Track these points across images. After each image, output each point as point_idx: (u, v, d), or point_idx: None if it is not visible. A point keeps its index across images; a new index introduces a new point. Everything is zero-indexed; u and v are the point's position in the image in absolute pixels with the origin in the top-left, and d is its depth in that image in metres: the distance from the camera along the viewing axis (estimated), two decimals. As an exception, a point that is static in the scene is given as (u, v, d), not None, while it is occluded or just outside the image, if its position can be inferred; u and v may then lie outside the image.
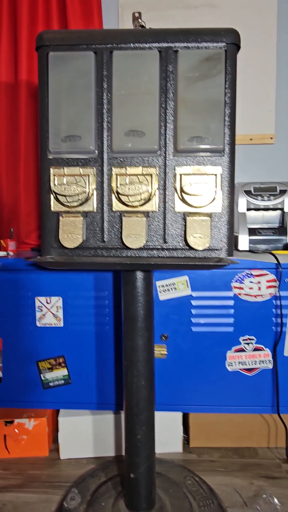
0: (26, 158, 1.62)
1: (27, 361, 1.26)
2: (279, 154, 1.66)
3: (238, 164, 0.87)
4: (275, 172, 1.66)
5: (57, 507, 1.10)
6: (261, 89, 1.65)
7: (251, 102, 1.64)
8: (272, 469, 1.25)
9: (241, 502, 1.11)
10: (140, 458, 0.98)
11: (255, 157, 1.66)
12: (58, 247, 0.88)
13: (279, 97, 1.65)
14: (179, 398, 1.25)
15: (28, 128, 1.61)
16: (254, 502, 1.11)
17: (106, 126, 0.85)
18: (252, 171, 1.67)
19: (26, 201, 1.63)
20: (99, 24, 1.59)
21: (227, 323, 1.21)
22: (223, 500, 1.11)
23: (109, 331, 1.24)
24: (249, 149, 1.66)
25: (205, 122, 0.83)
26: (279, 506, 1.09)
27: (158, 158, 0.85)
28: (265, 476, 1.22)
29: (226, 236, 0.86)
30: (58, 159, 0.86)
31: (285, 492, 1.15)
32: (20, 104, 1.60)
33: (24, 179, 1.62)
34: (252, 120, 1.65)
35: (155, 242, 0.86)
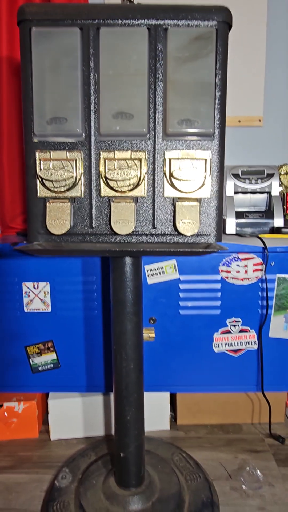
0: (9, 139, 1.56)
1: (15, 346, 1.26)
2: (267, 137, 1.65)
3: (226, 147, 0.86)
4: (264, 155, 1.66)
5: (49, 486, 1.13)
6: (250, 70, 1.62)
7: (239, 83, 1.62)
8: (255, 443, 1.31)
9: (226, 475, 1.17)
10: (129, 438, 1.00)
11: (243, 139, 1.65)
12: (45, 233, 0.86)
13: (268, 79, 1.63)
14: (167, 379, 1.28)
15: (10, 109, 1.54)
16: (238, 474, 1.16)
17: (93, 108, 0.82)
18: (241, 154, 1.66)
19: (11, 185, 1.59)
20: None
21: (214, 306, 1.23)
22: (209, 473, 1.16)
23: (98, 316, 1.24)
24: (238, 131, 1.65)
25: (195, 104, 0.81)
26: (261, 477, 1.14)
27: (147, 142, 0.83)
28: (249, 450, 1.27)
29: (215, 221, 0.86)
30: (44, 142, 0.83)
31: (267, 464, 1.21)
32: (1, 83, 1.52)
33: (7, 162, 1.56)
34: (241, 101, 1.63)
35: (144, 228, 0.86)
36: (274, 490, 1.10)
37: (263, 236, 1.25)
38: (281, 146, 1.67)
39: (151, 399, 1.31)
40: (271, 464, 1.20)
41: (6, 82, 1.54)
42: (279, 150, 1.66)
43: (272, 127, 1.65)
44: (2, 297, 1.24)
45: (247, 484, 1.11)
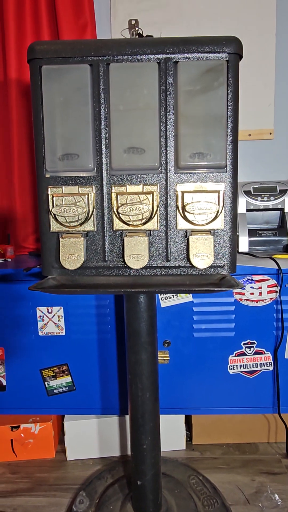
0: (20, 159, 1.58)
1: (31, 369, 1.27)
2: (278, 150, 1.63)
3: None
4: (275, 168, 1.64)
5: (67, 511, 1.13)
6: (259, 83, 1.60)
7: (249, 96, 1.60)
8: (272, 464, 1.29)
9: (243, 499, 1.16)
10: (146, 465, 1.00)
11: (254, 153, 1.63)
12: (59, 267, 0.86)
13: (278, 91, 1.60)
14: (182, 401, 1.27)
15: (20, 129, 1.56)
16: (256, 499, 1.15)
17: (104, 143, 0.82)
18: (251, 168, 1.64)
19: (22, 204, 1.60)
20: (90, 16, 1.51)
21: (229, 328, 1.22)
22: (226, 498, 1.15)
23: (111, 339, 1.24)
24: (248, 145, 1.63)
25: (206, 137, 0.80)
26: (280, 502, 1.13)
27: (159, 176, 0.82)
28: (266, 472, 1.26)
29: (229, 252, 0.85)
30: (56, 177, 0.84)
31: (285, 487, 1.19)
32: (11, 103, 1.54)
33: (18, 182, 1.58)
34: (251, 115, 1.61)
35: (158, 261, 0.85)
36: (293, 516, 1.09)
37: (277, 256, 1.23)
38: (293, 158, 1.65)
39: (166, 419, 1.31)
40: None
41: (16, 104, 1.55)
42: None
43: (283, 139, 1.63)
44: (17, 321, 1.25)
45: (265, 509, 1.10)
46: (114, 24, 1.59)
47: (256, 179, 1.57)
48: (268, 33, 1.58)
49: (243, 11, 1.56)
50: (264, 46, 1.58)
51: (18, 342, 1.26)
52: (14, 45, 1.51)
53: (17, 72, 1.52)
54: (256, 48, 1.59)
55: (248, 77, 1.60)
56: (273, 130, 1.62)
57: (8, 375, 1.29)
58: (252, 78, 1.60)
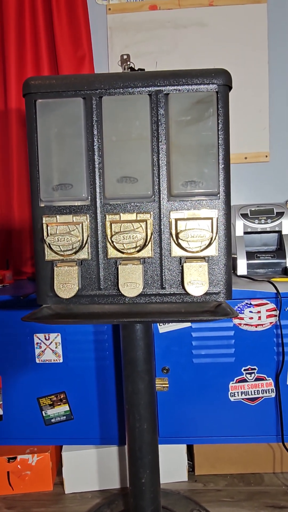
0: (19, 184, 1.60)
1: (28, 398, 1.25)
2: (274, 173, 1.64)
3: (233, 184, 0.86)
4: (271, 191, 1.65)
5: None
6: (254, 107, 1.63)
7: (245, 120, 1.63)
8: (278, 497, 1.24)
9: (248, 536, 1.10)
10: (145, 501, 0.96)
11: (250, 176, 1.65)
12: (53, 295, 0.86)
13: (272, 114, 1.63)
14: (182, 430, 1.24)
15: (20, 157, 1.59)
16: (262, 535, 1.10)
17: (98, 172, 0.83)
18: (248, 191, 1.65)
19: (21, 229, 1.61)
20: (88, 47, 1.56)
21: (228, 354, 1.19)
22: (230, 534, 1.10)
23: (110, 366, 1.22)
24: (244, 168, 1.65)
25: (198, 166, 0.81)
26: (287, 538, 1.08)
27: (152, 204, 0.83)
28: (272, 506, 1.21)
29: (224, 279, 0.84)
30: (50, 207, 0.84)
31: (292, 522, 1.14)
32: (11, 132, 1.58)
33: (18, 207, 1.60)
34: (246, 138, 1.64)
35: (152, 288, 0.85)
36: None
37: (276, 280, 1.22)
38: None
39: (167, 449, 1.27)
40: (296, 523, 1.13)
41: (16, 132, 1.59)
42: (286, 185, 1.65)
43: (279, 162, 1.65)
44: (14, 348, 1.24)
45: None
46: (111, 55, 1.65)
47: (253, 202, 1.58)
48: (261, 58, 1.62)
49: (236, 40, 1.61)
50: (258, 70, 1.63)
51: (15, 369, 1.24)
52: (15, 76, 1.56)
53: (17, 102, 1.57)
54: (250, 72, 1.63)
55: (244, 102, 1.63)
56: (269, 153, 1.64)
57: (5, 404, 1.26)
58: (247, 103, 1.63)
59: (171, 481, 1.31)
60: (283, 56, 1.63)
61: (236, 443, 1.27)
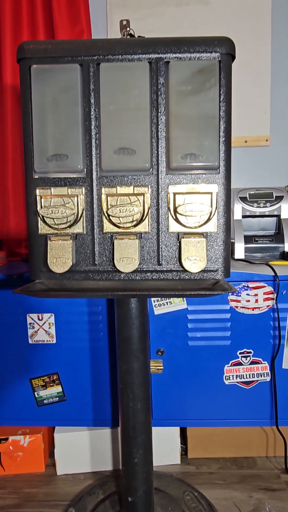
0: (14, 165, 1.56)
1: (20, 379, 1.23)
2: (274, 157, 1.62)
3: (233, 168, 0.83)
4: (271, 175, 1.62)
5: (55, 529, 1.08)
6: (255, 90, 1.59)
7: (245, 103, 1.60)
8: (271, 480, 1.24)
9: (240, 517, 1.10)
10: (137, 481, 0.96)
11: (250, 160, 1.62)
12: (47, 270, 0.83)
13: (274, 98, 1.60)
14: (176, 413, 1.23)
15: (14, 135, 1.55)
16: (253, 517, 1.10)
17: (94, 143, 0.80)
18: (248, 175, 1.63)
19: (16, 211, 1.58)
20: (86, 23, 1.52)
21: (224, 337, 1.18)
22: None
23: (104, 347, 1.21)
24: (244, 151, 1.62)
25: (198, 138, 0.78)
26: (279, 520, 1.08)
27: (150, 177, 0.80)
28: (264, 488, 1.21)
29: (222, 256, 0.82)
30: (45, 178, 0.81)
31: (284, 505, 1.14)
32: (6, 109, 1.53)
33: (12, 188, 1.56)
34: (247, 121, 1.60)
35: (149, 265, 0.83)
36: (292, 536, 1.03)
37: (273, 263, 1.21)
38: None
39: (160, 432, 1.26)
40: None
41: (11, 109, 1.54)
42: (287, 170, 1.63)
43: (280, 146, 1.62)
44: (7, 329, 1.21)
45: (263, 529, 1.05)
46: (110, 32, 1.60)
47: (253, 186, 1.55)
48: (264, 41, 1.58)
49: (239, 20, 1.57)
50: (260, 53, 1.59)
51: (7, 350, 1.22)
52: (10, 52, 1.52)
53: (13, 78, 1.52)
54: (252, 55, 1.59)
55: (244, 84, 1.60)
56: (269, 137, 1.61)
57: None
58: (248, 85, 1.60)
59: (164, 464, 1.31)
60: (287, 38, 1.59)
61: (230, 427, 1.26)
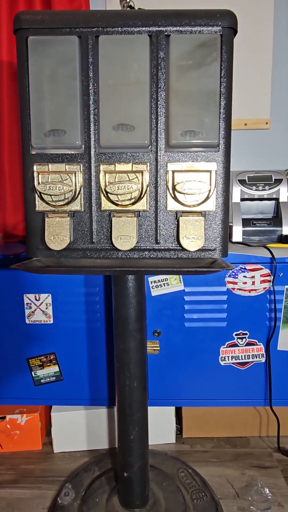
0: (11, 145, 1.54)
1: (17, 358, 1.24)
2: (274, 140, 1.60)
3: (232, 151, 0.83)
4: (271, 158, 1.61)
5: (51, 504, 1.10)
6: (256, 71, 1.57)
7: (246, 85, 1.57)
8: (263, 458, 1.27)
9: (233, 493, 1.13)
10: (133, 457, 0.97)
11: (250, 143, 1.61)
12: (44, 248, 0.83)
13: (275, 80, 1.58)
14: (172, 393, 1.24)
15: (11, 114, 1.52)
16: (246, 493, 1.12)
17: (92, 119, 0.79)
18: (247, 158, 1.61)
19: (12, 191, 1.56)
20: None
21: (220, 318, 1.19)
22: (215, 491, 1.12)
23: (101, 328, 1.21)
24: (244, 134, 1.60)
25: (198, 115, 0.77)
26: (270, 496, 1.11)
27: (149, 154, 0.79)
28: (257, 466, 1.23)
29: (220, 236, 0.82)
30: (42, 154, 0.80)
31: (276, 482, 1.17)
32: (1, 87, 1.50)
33: (8, 168, 1.54)
34: (247, 104, 1.58)
35: (147, 243, 0.82)
36: (283, 510, 1.06)
37: (271, 245, 1.21)
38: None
39: (156, 411, 1.28)
40: (279, 482, 1.16)
41: (7, 87, 1.51)
42: (286, 154, 1.62)
43: (280, 129, 1.61)
44: (3, 309, 1.21)
45: (255, 504, 1.08)
46: (109, 7, 1.56)
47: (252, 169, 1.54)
48: (266, 22, 1.55)
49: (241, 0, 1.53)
50: (262, 34, 1.56)
51: (4, 330, 1.22)
52: (6, 26, 1.47)
53: (9, 54, 1.48)
54: (254, 36, 1.56)
55: (245, 65, 1.57)
56: (270, 120, 1.60)
57: (-6, 364, 1.25)
58: (249, 66, 1.57)
59: (159, 443, 1.33)
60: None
61: (225, 406, 1.28)
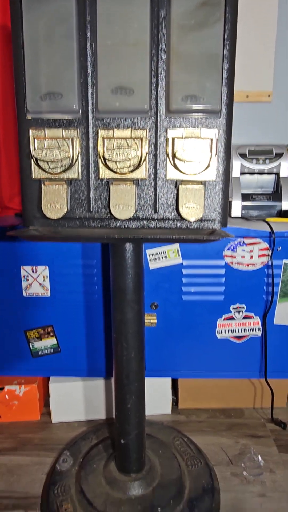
0: (5, 115, 1.49)
1: (15, 330, 1.24)
2: (276, 113, 1.57)
3: (233, 124, 0.81)
4: (272, 132, 1.58)
5: (50, 470, 1.13)
6: (260, 41, 1.51)
7: (248, 55, 1.52)
8: (257, 428, 1.30)
9: (227, 460, 1.16)
10: (130, 425, 0.99)
11: (251, 116, 1.57)
12: (41, 217, 0.82)
13: (279, 52, 1.52)
14: (168, 364, 1.26)
15: (5, 81, 1.47)
16: (239, 460, 1.16)
17: (90, 82, 0.76)
18: (248, 131, 1.58)
19: (8, 163, 1.53)
20: None
21: (218, 292, 1.19)
22: (210, 458, 1.16)
23: (98, 300, 1.22)
24: (245, 107, 1.56)
25: (200, 78, 0.74)
26: (262, 463, 1.14)
27: (148, 119, 0.77)
28: (250, 435, 1.27)
29: (220, 206, 0.81)
30: (38, 119, 0.78)
31: (268, 450, 1.20)
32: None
33: (3, 139, 1.50)
34: (249, 75, 1.54)
35: (145, 212, 0.81)
36: (274, 476, 1.10)
37: (270, 220, 1.20)
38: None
39: (152, 383, 1.30)
40: (272, 450, 1.20)
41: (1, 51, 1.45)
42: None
43: (282, 103, 1.57)
44: (0, 281, 1.21)
45: (248, 470, 1.11)
46: None
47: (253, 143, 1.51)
48: (271, -13, 1.48)
49: None
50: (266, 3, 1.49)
51: (1, 302, 1.22)
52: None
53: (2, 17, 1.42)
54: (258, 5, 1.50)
55: (248, 36, 1.51)
56: (272, 93, 1.56)
57: (-8, 336, 1.26)
58: (251, 37, 1.51)
59: (155, 414, 1.36)
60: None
61: (220, 378, 1.31)
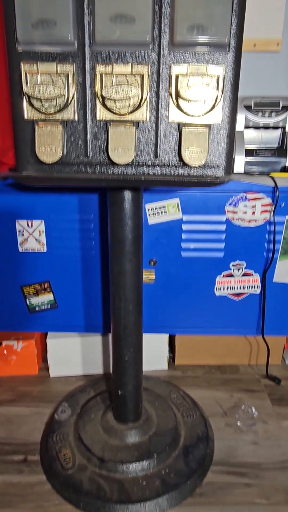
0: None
1: (11, 286, 1.23)
2: (285, 63, 1.47)
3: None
4: (280, 83, 1.49)
5: (49, 419, 1.16)
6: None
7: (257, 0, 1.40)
8: (251, 383, 1.33)
9: (221, 412, 1.19)
10: (127, 377, 1.00)
11: (258, 65, 1.48)
12: (35, 162, 0.77)
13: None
14: (166, 321, 1.26)
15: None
16: (233, 412, 1.19)
17: (87, 8, 0.69)
18: (254, 82, 1.49)
19: (0, 114, 1.45)
20: None
21: (218, 248, 1.17)
22: (205, 410, 1.18)
23: (96, 256, 1.19)
24: (252, 56, 1.47)
25: (208, 5, 0.68)
26: (256, 415, 1.17)
27: (150, 54, 0.71)
28: (245, 390, 1.30)
29: (225, 151, 0.76)
30: (30, 52, 0.71)
31: (262, 403, 1.23)
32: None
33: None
34: (257, 22, 1.43)
35: (146, 157, 0.77)
36: (267, 427, 1.13)
37: (274, 174, 1.16)
38: (300, 75, 1.50)
39: (149, 340, 1.31)
40: (266, 403, 1.23)
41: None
42: (297, 80, 1.50)
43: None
44: (-5, 236, 1.18)
45: (241, 420, 1.14)
46: None
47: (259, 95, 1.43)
48: None
49: None
50: None
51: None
52: None
53: None
54: None
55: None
56: (281, 41, 1.45)
57: (-12, 292, 1.24)
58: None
59: (152, 369, 1.38)
60: None
61: (216, 335, 1.32)
